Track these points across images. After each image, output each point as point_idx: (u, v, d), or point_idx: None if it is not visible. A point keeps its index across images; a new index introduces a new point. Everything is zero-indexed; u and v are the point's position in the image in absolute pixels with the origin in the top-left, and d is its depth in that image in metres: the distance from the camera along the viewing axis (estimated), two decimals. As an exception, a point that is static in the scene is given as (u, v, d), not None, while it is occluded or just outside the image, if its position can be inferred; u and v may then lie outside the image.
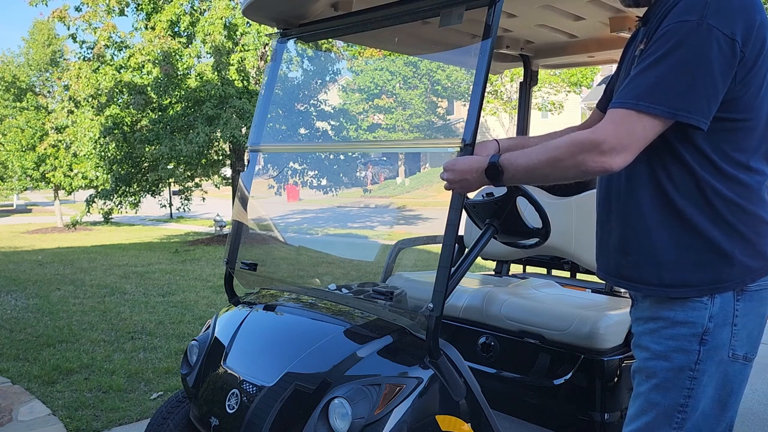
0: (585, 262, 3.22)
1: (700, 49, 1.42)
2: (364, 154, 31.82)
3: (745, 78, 1.47)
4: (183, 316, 6.42)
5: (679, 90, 1.43)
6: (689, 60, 1.42)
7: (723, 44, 1.42)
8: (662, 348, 1.57)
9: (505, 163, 1.60)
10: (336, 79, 15.44)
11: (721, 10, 1.42)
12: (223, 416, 2.14)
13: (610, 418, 2.45)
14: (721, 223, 1.53)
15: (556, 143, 1.55)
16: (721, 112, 1.48)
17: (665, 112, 1.44)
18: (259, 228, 4.69)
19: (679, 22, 1.44)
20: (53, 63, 22.02)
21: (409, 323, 2.05)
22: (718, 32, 1.41)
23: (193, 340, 2.56)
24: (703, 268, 1.54)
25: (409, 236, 3.65)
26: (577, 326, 2.52)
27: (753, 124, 1.53)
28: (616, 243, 1.67)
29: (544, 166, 1.56)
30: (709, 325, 1.53)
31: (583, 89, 28.17)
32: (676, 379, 1.56)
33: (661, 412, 1.57)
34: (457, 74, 33.90)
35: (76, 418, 3.79)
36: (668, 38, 1.45)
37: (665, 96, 1.44)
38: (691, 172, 1.53)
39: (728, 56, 1.43)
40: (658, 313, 1.60)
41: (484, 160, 1.65)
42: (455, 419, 1.95)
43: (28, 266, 10.10)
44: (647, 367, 1.61)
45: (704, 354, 1.53)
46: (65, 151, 15.41)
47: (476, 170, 1.66)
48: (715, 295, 1.54)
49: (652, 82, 1.45)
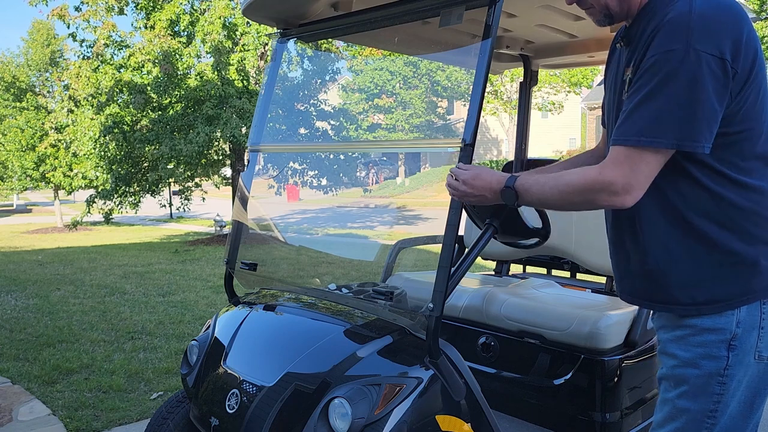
0: (585, 262, 3.22)
1: (692, 77, 1.40)
2: (364, 154, 31.82)
3: (741, 91, 1.46)
4: (183, 316, 6.41)
5: (679, 121, 1.43)
6: (683, 90, 1.41)
7: (714, 66, 1.41)
8: (691, 355, 1.57)
9: (521, 190, 1.65)
10: (336, 79, 15.44)
11: (706, 32, 1.41)
12: (223, 416, 2.14)
13: (610, 418, 2.45)
14: (743, 234, 1.53)
15: (569, 180, 1.57)
16: (723, 127, 1.47)
17: (668, 144, 1.44)
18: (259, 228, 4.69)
19: (666, 52, 1.42)
20: (53, 63, 22.05)
21: (409, 323, 2.05)
22: (706, 56, 1.40)
23: (193, 340, 2.56)
24: (732, 282, 1.54)
25: (409, 236, 3.65)
26: (577, 326, 2.52)
27: (756, 132, 1.52)
28: (638, 268, 1.66)
29: (556, 200, 1.61)
30: (737, 331, 1.53)
31: (583, 89, 28.21)
32: (706, 386, 1.55)
33: (691, 419, 1.57)
34: (457, 74, 33.90)
35: (76, 418, 3.79)
36: (657, 69, 1.43)
37: (665, 129, 1.43)
38: (704, 188, 1.52)
39: (721, 77, 1.42)
40: (684, 321, 1.59)
41: (502, 180, 1.67)
42: (455, 419, 1.95)
43: (28, 266, 10.10)
44: (675, 375, 1.60)
45: (733, 359, 1.53)
46: (65, 150, 15.42)
47: (495, 190, 1.69)
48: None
49: (649, 117, 1.44)
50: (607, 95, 1.76)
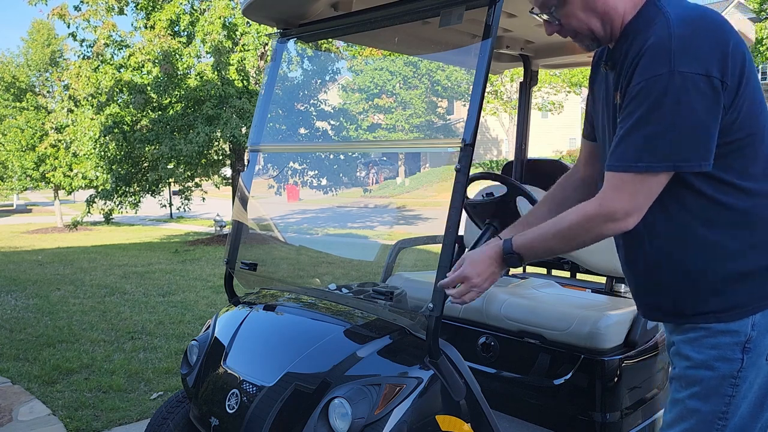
0: (585, 262, 3.22)
1: (680, 100, 1.41)
2: (364, 154, 31.82)
3: (734, 101, 1.46)
4: (183, 316, 6.42)
5: (672, 143, 1.43)
6: (673, 113, 1.41)
7: (701, 85, 1.41)
8: (704, 357, 1.56)
9: (523, 251, 1.65)
10: (336, 79, 15.44)
11: (689, 52, 1.41)
12: (223, 416, 2.14)
13: (610, 418, 2.45)
14: (757, 241, 1.53)
15: (568, 221, 1.58)
16: (723, 137, 1.47)
17: (665, 167, 1.46)
18: (259, 228, 4.70)
19: (651, 78, 1.43)
20: (53, 63, 22.05)
21: (409, 323, 2.05)
22: (692, 76, 1.40)
23: (193, 340, 2.56)
24: (749, 289, 1.54)
25: (409, 236, 3.64)
26: (577, 326, 2.52)
27: (758, 137, 1.52)
28: (655, 286, 1.66)
29: (564, 245, 1.62)
30: (752, 334, 1.53)
31: (583, 89, 28.17)
32: (718, 387, 1.55)
33: (701, 420, 1.57)
34: (457, 74, 33.92)
35: (76, 418, 3.79)
36: (645, 95, 1.44)
37: (661, 152, 1.44)
38: (711, 200, 1.52)
39: (710, 95, 1.42)
40: (698, 323, 1.58)
41: (499, 249, 1.67)
42: (455, 419, 1.95)
43: (28, 266, 10.10)
44: (687, 375, 1.60)
45: (747, 362, 1.53)
46: (65, 150, 15.43)
47: (497, 261, 1.68)
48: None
49: (643, 142, 1.45)
50: (600, 116, 1.76)
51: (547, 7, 1.60)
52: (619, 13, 1.57)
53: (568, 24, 1.62)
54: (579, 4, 1.57)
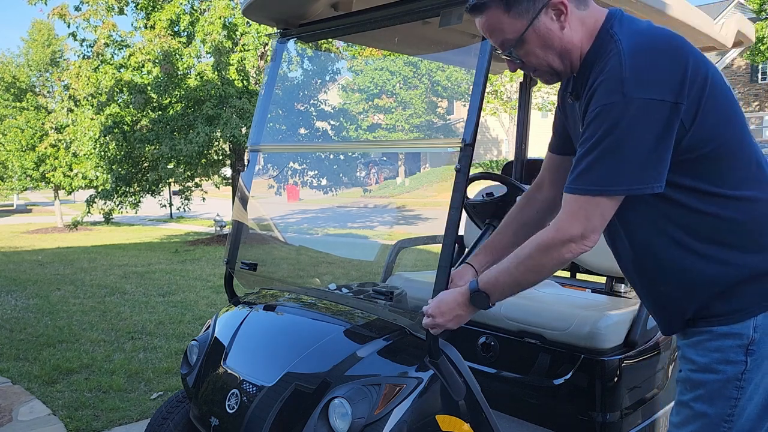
0: (585, 262, 3.22)
1: (632, 127, 1.43)
2: (364, 154, 31.81)
3: (696, 117, 1.47)
4: (183, 316, 6.42)
5: (625, 168, 1.46)
6: (626, 139, 1.44)
7: (654, 110, 1.43)
8: (707, 360, 1.57)
9: (489, 288, 1.69)
10: (336, 79, 15.43)
11: (641, 78, 1.43)
12: (223, 416, 2.15)
13: (610, 418, 2.45)
14: (751, 246, 1.54)
15: (528, 252, 1.62)
16: (696, 150, 1.49)
17: (618, 191, 1.49)
18: (259, 228, 4.69)
19: (606, 105, 1.46)
20: (53, 63, 22.04)
21: (409, 323, 2.05)
22: (645, 101, 1.42)
23: (193, 340, 2.56)
24: (750, 292, 1.54)
25: (409, 236, 3.64)
26: (577, 326, 2.52)
27: (735, 145, 1.54)
28: (666, 304, 1.68)
29: (528, 276, 1.65)
30: (754, 336, 1.53)
31: (583, 89, 28.12)
32: (723, 390, 1.55)
33: (707, 423, 1.58)
34: (457, 74, 33.91)
35: (76, 418, 3.79)
36: (600, 122, 1.47)
37: (613, 177, 1.47)
38: (701, 214, 1.54)
39: (665, 117, 1.44)
40: (701, 326, 1.59)
41: (466, 291, 1.72)
42: (455, 419, 1.95)
43: (28, 266, 10.10)
44: (691, 378, 1.61)
45: (752, 364, 1.54)
46: (65, 150, 15.42)
47: (463, 304, 1.74)
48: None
49: (598, 167, 1.48)
50: (572, 131, 1.79)
51: (507, 47, 1.63)
52: (576, 45, 1.59)
53: (528, 62, 1.65)
54: (536, 43, 1.59)
